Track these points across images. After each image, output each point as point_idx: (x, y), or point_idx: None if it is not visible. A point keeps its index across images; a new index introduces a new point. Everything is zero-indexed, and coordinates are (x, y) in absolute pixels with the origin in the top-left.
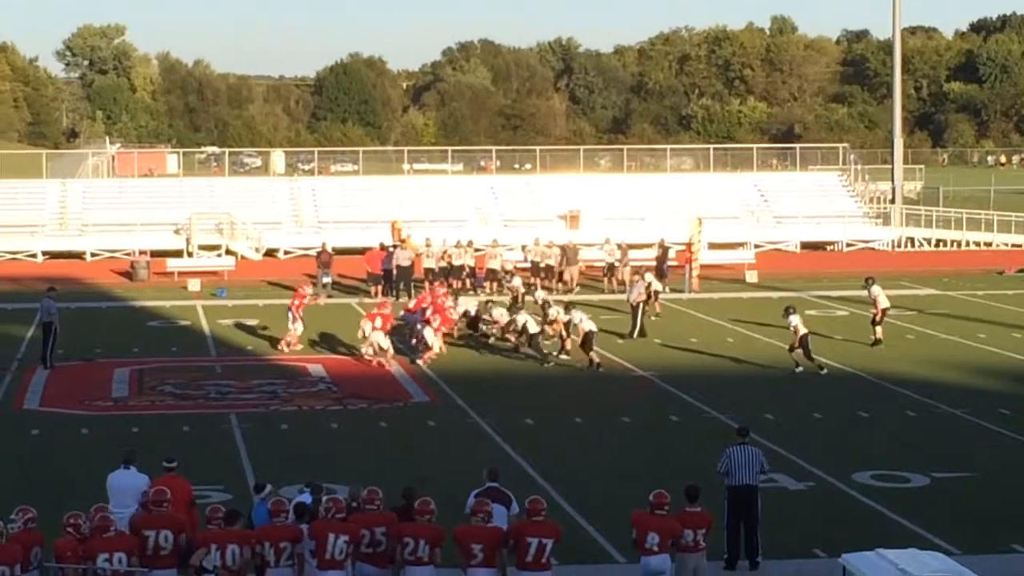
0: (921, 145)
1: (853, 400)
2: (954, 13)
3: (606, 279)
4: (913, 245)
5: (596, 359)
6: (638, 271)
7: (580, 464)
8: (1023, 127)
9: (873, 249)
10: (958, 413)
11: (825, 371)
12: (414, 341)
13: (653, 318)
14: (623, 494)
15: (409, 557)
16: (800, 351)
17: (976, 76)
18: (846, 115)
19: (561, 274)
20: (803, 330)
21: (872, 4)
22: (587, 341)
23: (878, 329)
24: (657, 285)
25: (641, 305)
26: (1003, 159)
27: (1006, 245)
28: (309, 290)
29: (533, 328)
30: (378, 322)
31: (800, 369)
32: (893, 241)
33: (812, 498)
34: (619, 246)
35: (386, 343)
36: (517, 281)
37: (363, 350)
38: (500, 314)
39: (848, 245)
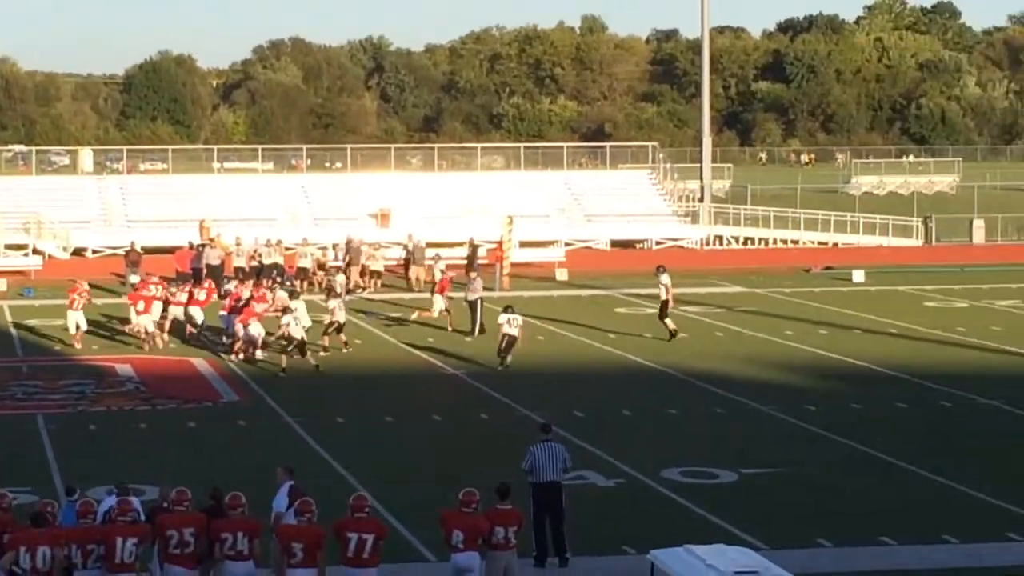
0: (729, 144)
1: (662, 397)
2: (762, 13)
3: (407, 277)
4: (721, 243)
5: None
6: (477, 269)
7: (391, 462)
8: (829, 126)
9: (682, 247)
10: (766, 409)
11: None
12: (225, 339)
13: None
14: (434, 492)
15: (229, 552)
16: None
17: (783, 76)
18: (655, 114)
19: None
20: (512, 330)
21: (681, 4)
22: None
23: (668, 321)
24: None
25: (480, 302)
26: (808, 157)
27: (813, 243)
28: (85, 284)
29: (298, 332)
30: (141, 305)
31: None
32: (702, 239)
33: (621, 495)
34: (416, 245)
35: (152, 326)
36: (340, 278)
37: (133, 330)
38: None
39: (657, 243)
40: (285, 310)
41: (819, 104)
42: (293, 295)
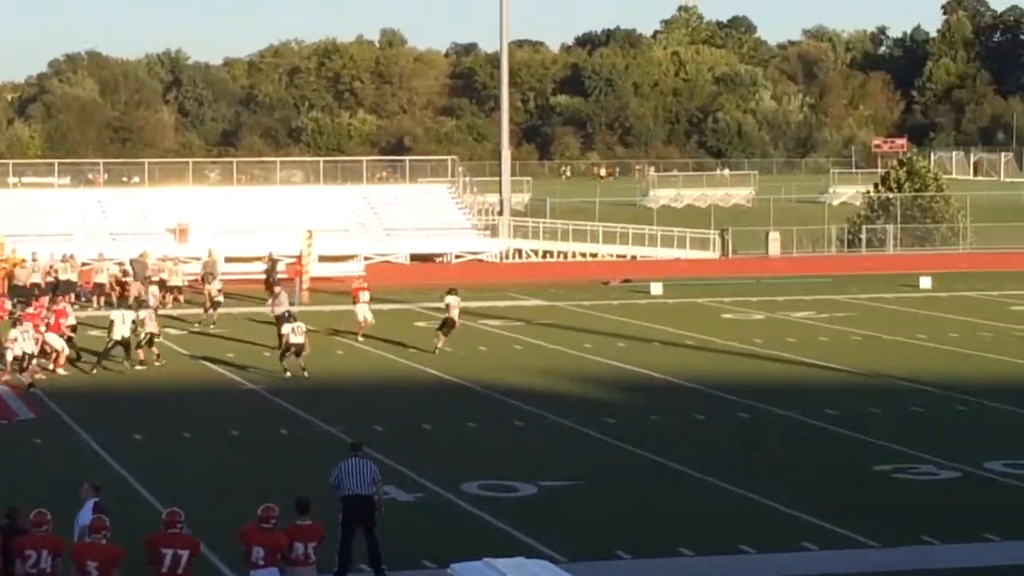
0: (529, 157)
1: (462, 411)
2: (560, 27)
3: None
4: (521, 256)
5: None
6: (279, 284)
7: (190, 479)
8: (627, 140)
9: (481, 260)
10: (564, 422)
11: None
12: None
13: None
14: (233, 508)
15: (32, 570)
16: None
17: (582, 89)
18: (455, 128)
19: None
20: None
21: (480, 18)
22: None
23: (441, 337)
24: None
25: (286, 316)
26: (603, 171)
27: (611, 256)
28: None
29: (27, 348)
30: None
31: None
32: (501, 252)
33: (421, 509)
34: (213, 259)
35: None
36: (154, 290)
37: None
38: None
39: (457, 257)
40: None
41: (617, 117)
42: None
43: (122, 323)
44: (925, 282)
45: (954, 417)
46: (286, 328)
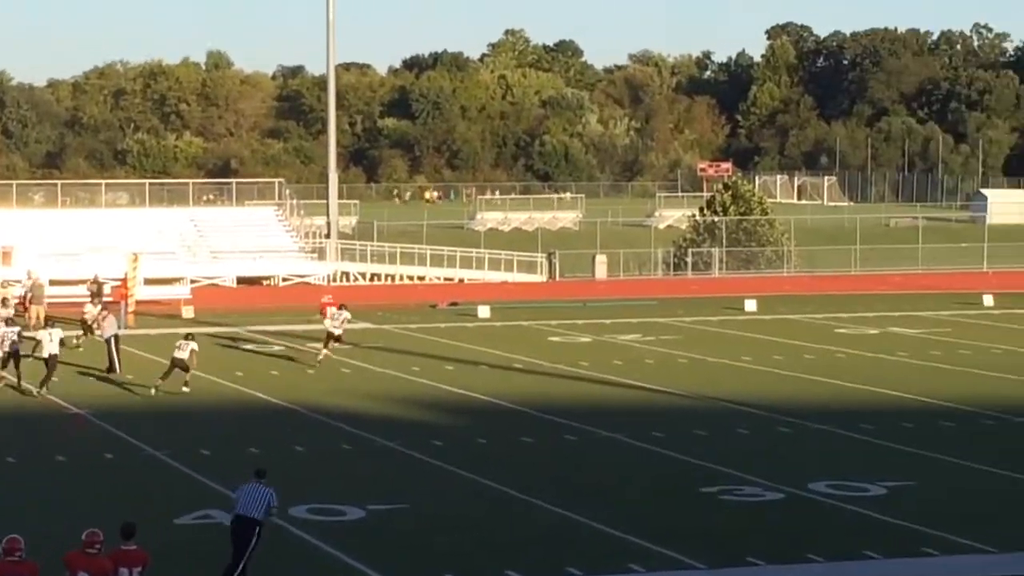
0: (356, 180)
1: (289, 434)
2: (387, 50)
3: (27, 314)
4: (348, 279)
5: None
6: (106, 307)
7: (14, 505)
8: (455, 163)
9: (309, 283)
10: (392, 445)
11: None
12: None
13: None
14: (58, 533)
15: None
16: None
17: (409, 112)
18: (282, 150)
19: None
20: (181, 355)
21: (307, 40)
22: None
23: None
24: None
25: (115, 339)
26: (431, 195)
27: (439, 279)
28: None
29: None
30: None
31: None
32: (329, 275)
33: None
34: (36, 282)
35: None
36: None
37: None
38: None
39: (284, 280)
40: None
41: (445, 141)
42: None
43: (49, 341)
44: (750, 305)
45: (779, 439)
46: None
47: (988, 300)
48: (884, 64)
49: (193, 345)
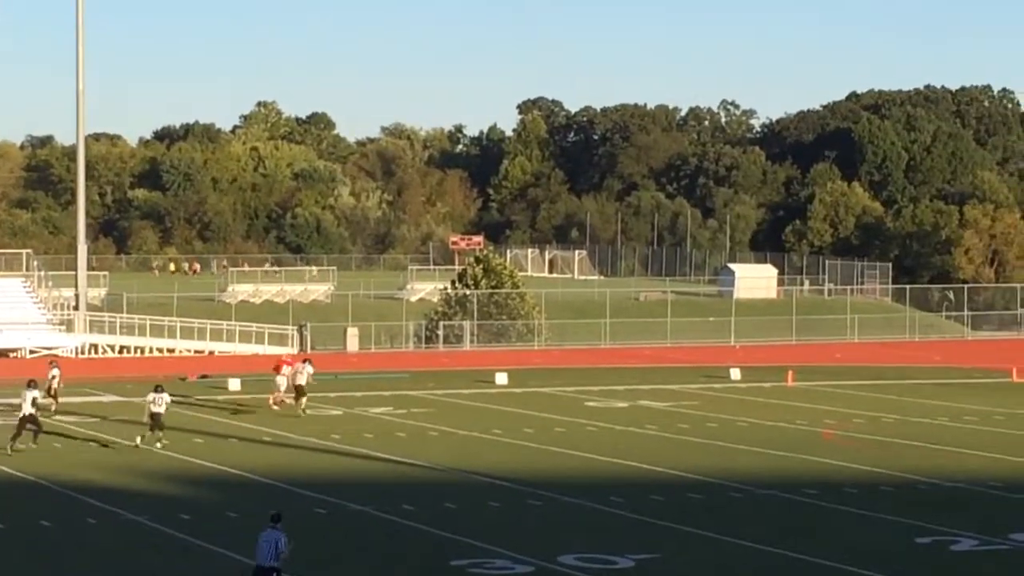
0: (106, 251)
1: (34, 509)
2: (138, 121)
3: None
4: (97, 351)
5: None
6: None
7: None
8: (206, 234)
9: (57, 355)
10: (140, 519)
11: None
12: None
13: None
14: None
15: None
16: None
17: (160, 183)
18: (30, 220)
19: None
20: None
21: (56, 110)
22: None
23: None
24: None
25: None
26: (188, 267)
27: (190, 351)
28: None
29: None
30: None
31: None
32: (77, 347)
33: None
34: None
35: None
36: None
37: None
38: None
39: (32, 352)
40: None
41: (196, 212)
42: None
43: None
44: (501, 378)
45: (529, 511)
46: (150, 396)
47: (735, 374)
48: (634, 139)
49: (167, 397)
